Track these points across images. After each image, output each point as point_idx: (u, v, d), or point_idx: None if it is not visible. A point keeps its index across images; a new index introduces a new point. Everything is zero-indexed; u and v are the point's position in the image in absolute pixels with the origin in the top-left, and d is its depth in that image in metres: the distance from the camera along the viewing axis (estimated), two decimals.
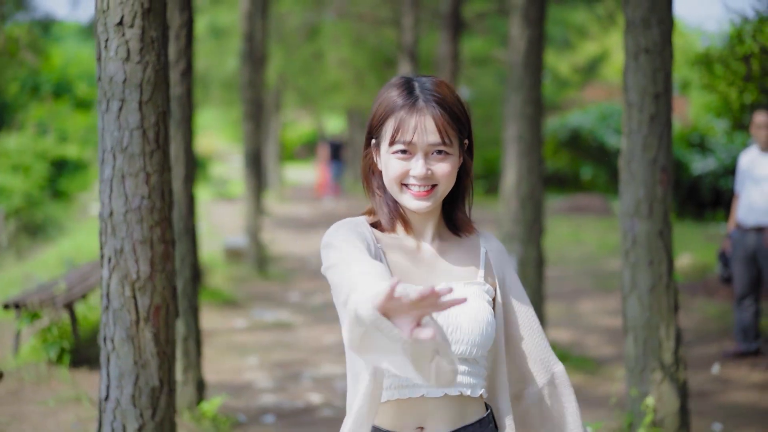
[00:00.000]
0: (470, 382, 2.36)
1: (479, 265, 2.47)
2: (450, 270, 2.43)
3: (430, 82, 2.36)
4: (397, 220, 2.41)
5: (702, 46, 20.82)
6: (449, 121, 2.33)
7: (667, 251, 5.11)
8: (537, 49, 7.83)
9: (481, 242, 2.52)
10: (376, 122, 2.37)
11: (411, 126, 2.30)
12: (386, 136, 2.34)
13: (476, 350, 2.33)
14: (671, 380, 5.07)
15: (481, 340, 2.33)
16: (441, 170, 2.33)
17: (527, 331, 2.49)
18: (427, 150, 2.32)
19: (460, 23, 12.47)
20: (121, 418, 3.54)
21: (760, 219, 7.80)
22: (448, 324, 2.30)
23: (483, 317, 2.33)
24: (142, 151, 3.47)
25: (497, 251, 2.52)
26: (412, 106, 2.32)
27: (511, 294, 2.50)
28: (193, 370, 6.15)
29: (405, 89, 2.34)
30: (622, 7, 5.18)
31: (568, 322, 9.87)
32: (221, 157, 44.03)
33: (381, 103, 2.37)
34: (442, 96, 2.33)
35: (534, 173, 7.90)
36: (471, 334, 2.31)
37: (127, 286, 3.51)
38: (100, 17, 3.45)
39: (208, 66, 21.04)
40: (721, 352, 8.42)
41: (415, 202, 2.33)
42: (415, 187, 2.32)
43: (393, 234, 2.44)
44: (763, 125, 7.82)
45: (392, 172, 2.33)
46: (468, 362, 2.35)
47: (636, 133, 5.06)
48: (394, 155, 2.32)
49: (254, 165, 13.92)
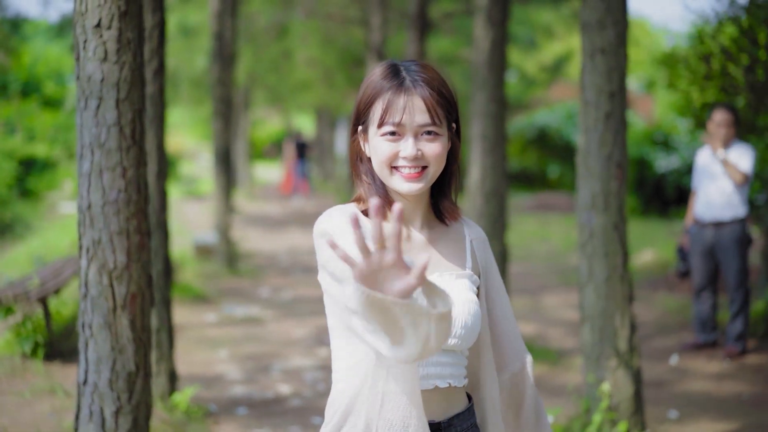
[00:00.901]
0: (457, 373, 2.36)
1: (466, 255, 2.45)
2: (439, 260, 2.40)
3: (415, 65, 2.34)
4: (387, 207, 2.35)
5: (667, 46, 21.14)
6: (438, 101, 2.30)
7: (622, 243, 5.33)
8: (500, 49, 8.03)
9: (466, 231, 2.49)
10: (362, 106, 2.34)
11: (400, 106, 2.27)
12: (374, 119, 2.30)
13: (464, 343, 2.31)
14: (626, 367, 5.29)
15: (470, 333, 2.31)
16: (431, 151, 2.29)
17: (504, 319, 2.50)
18: (416, 131, 2.28)
19: (427, 23, 12.63)
20: (99, 401, 3.70)
21: (718, 214, 8.02)
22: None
23: (471, 310, 2.31)
24: (119, 147, 3.63)
25: (480, 240, 2.50)
26: (399, 86, 2.29)
27: (493, 283, 2.49)
28: (165, 362, 6.30)
29: (390, 72, 2.32)
30: (579, 9, 5.39)
31: (532, 316, 10.09)
32: (190, 156, 43.96)
33: (367, 87, 2.34)
34: (429, 77, 2.31)
35: (498, 170, 8.10)
36: (463, 327, 2.29)
37: (104, 275, 3.67)
38: (78, 19, 3.61)
39: (178, 64, 21.08)
40: (680, 343, 8.66)
41: (406, 185, 2.29)
42: (406, 169, 2.28)
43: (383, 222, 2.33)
44: (722, 123, 8.03)
45: (382, 155, 2.29)
46: (456, 354, 2.35)
47: (592, 130, 5.27)
48: (383, 137, 2.28)
49: (224, 163, 14.01)
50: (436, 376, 2.32)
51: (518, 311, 9.99)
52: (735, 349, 8.04)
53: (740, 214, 7.96)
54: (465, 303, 2.31)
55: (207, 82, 18.58)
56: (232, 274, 13.07)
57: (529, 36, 20.83)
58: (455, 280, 2.37)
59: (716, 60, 9.72)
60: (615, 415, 5.24)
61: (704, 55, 9.89)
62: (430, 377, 2.31)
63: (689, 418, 6.45)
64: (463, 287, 2.36)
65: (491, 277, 2.49)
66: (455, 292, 2.33)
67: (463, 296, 2.33)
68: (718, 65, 9.69)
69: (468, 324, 2.29)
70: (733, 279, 8.06)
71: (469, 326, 2.29)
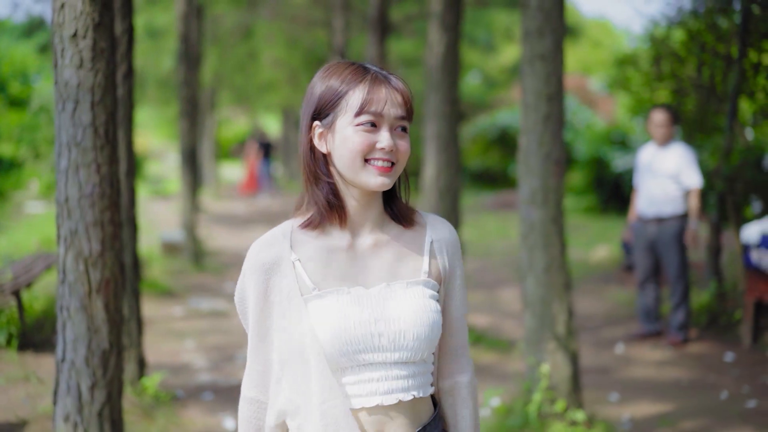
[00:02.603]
0: (421, 383, 2.30)
1: (423, 259, 2.34)
2: (390, 267, 2.31)
3: (378, 66, 2.31)
4: (334, 212, 2.27)
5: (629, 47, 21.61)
6: (410, 99, 2.28)
7: (560, 235, 5.74)
8: (453, 53, 8.44)
9: (428, 231, 2.38)
10: (328, 98, 2.24)
11: (382, 96, 2.21)
12: (349, 109, 2.21)
13: (422, 353, 2.26)
14: (564, 350, 5.70)
15: (427, 343, 2.25)
16: (403, 148, 2.26)
17: (459, 327, 2.39)
18: (392, 124, 2.24)
19: (387, 27, 12.99)
20: (75, 377, 4.06)
21: (659, 210, 8.45)
22: (390, 331, 2.23)
23: (427, 319, 2.25)
24: (94, 146, 3.98)
25: (446, 240, 2.37)
26: (376, 78, 2.24)
27: (453, 290, 2.38)
28: (134, 349, 6.64)
29: (359, 66, 2.26)
30: (520, 18, 5.80)
31: (487, 309, 10.49)
32: (157, 156, 44.02)
33: (333, 79, 2.25)
34: (399, 77, 2.29)
35: (451, 167, 8.51)
36: (416, 339, 2.23)
37: (80, 262, 4.02)
38: (56, 30, 3.96)
39: (145, 65, 21.29)
40: (626, 333, 9.09)
41: (379, 178, 2.21)
42: (380, 162, 2.21)
43: (323, 232, 2.31)
44: (660, 123, 8.45)
45: (357, 146, 2.20)
46: (416, 364, 2.28)
47: (532, 131, 5.68)
48: (359, 128, 2.20)
49: (190, 163, 14.24)
50: (399, 389, 2.26)
51: (474, 304, 10.42)
52: (677, 338, 8.47)
53: (680, 210, 8.39)
54: (417, 312, 2.24)
55: (173, 83, 18.81)
56: (198, 271, 13.36)
57: (487, 39, 21.22)
58: (406, 289, 2.28)
59: (666, 62, 10.17)
60: (553, 395, 5.64)
61: (655, 57, 10.35)
62: (393, 392, 2.25)
63: (628, 401, 6.87)
64: (416, 295, 2.27)
65: (453, 283, 2.38)
66: (405, 302, 2.25)
67: (415, 305, 2.25)
68: (668, 68, 10.14)
69: (421, 335, 2.23)
70: (673, 272, 8.48)
71: (422, 337, 2.23)
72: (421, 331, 2.23)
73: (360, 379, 2.25)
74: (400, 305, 2.24)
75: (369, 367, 2.24)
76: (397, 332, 2.22)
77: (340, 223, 2.29)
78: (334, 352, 2.21)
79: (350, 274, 2.28)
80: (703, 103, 9.67)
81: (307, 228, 2.30)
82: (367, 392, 2.25)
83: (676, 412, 6.57)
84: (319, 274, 2.27)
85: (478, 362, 7.96)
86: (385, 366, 2.24)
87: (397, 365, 2.25)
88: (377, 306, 2.24)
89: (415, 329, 2.22)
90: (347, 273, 2.28)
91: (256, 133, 29.61)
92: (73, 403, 4.06)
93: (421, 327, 2.23)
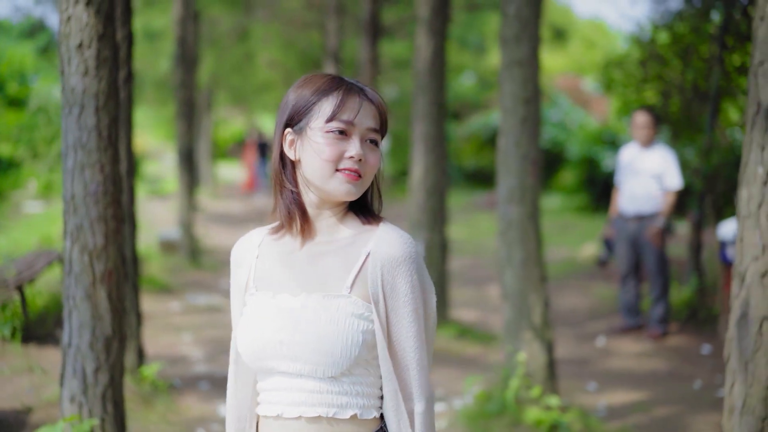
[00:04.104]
0: (334, 402, 2.20)
1: (351, 272, 2.23)
2: (318, 277, 2.25)
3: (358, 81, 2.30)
4: (293, 220, 2.28)
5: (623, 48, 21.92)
6: (384, 112, 2.28)
7: (536, 231, 6.07)
8: (440, 57, 8.75)
9: (372, 243, 2.24)
10: (301, 106, 2.24)
11: (354, 105, 2.21)
12: (320, 115, 2.21)
13: (325, 369, 2.16)
14: (540, 339, 6.03)
15: (331, 359, 2.15)
16: (371, 160, 2.24)
17: (403, 354, 2.22)
18: (363, 134, 2.22)
19: (379, 29, 13.29)
20: (81, 361, 4.38)
21: (640, 208, 8.77)
22: (285, 341, 2.19)
23: (333, 335, 2.15)
24: (98, 147, 4.30)
25: (386, 257, 2.20)
26: (350, 88, 2.24)
27: (396, 310, 2.21)
28: (134, 340, 6.96)
29: (335, 78, 2.27)
30: (500, 26, 6.13)
31: (475, 304, 10.82)
32: (155, 156, 44.23)
33: (307, 87, 2.25)
34: (375, 91, 2.29)
35: (438, 167, 8.83)
36: (316, 353, 2.15)
37: (85, 255, 4.34)
38: (63, 40, 4.28)
39: (142, 67, 21.55)
40: (608, 327, 9.42)
41: (346, 185, 2.19)
42: (348, 171, 2.19)
43: (283, 236, 2.34)
44: (643, 125, 8.78)
45: (327, 154, 2.19)
46: (328, 381, 2.19)
47: (510, 133, 6.01)
48: (328, 134, 2.19)
49: (187, 162, 14.53)
50: (302, 403, 2.21)
51: (462, 300, 10.74)
52: (657, 331, 8.79)
53: (659, 208, 8.71)
54: (323, 326, 2.17)
55: (170, 84, 19.05)
56: (195, 268, 13.65)
57: (479, 41, 21.51)
58: (321, 301, 2.20)
59: (652, 64, 10.48)
60: (530, 381, 5.97)
61: (640, 60, 10.66)
62: (295, 405, 2.21)
63: (605, 390, 7.20)
64: (329, 308, 2.18)
65: (393, 304, 2.21)
66: (315, 315, 2.19)
67: (324, 319, 2.17)
68: (653, 70, 10.45)
69: (322, 350, 2.15)
70: (653, 268, 8.80)
71: (323, 353, 2.15)
72: (322, 347, 2.15)
73: (270, 386, 2.26)
74: (310, 317, 2.18)
75: (278, 375, 2.23)
76: (297, 343, 2.17)
77: (301, 229, 2.28)
78: (245, 350, 2.26)
79: (285, 279, 2.27)
80: (687, 104, 9.98)
81: (273, 232, 2.36)
82: (274, 400, 2.24)
83: (651, 400, 6.90)
84: (264, 276, 2.32)
85: (463, 355, 8.29)
86: (291, 376, 2.21)
87: (302, 378, 2.20)
88: (290, 314, 2.21)
89: (315, 344, 2.15)
90: (284, 278, 2.28)
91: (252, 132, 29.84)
92: (79, 385, 4.38)
93: (323, 342, 2.15)
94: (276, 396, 2.24)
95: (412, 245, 2.23)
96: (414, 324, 2.21)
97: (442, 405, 6.75)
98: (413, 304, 2.20)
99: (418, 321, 2.22)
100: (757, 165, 3.65)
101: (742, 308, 3.75)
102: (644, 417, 6.45)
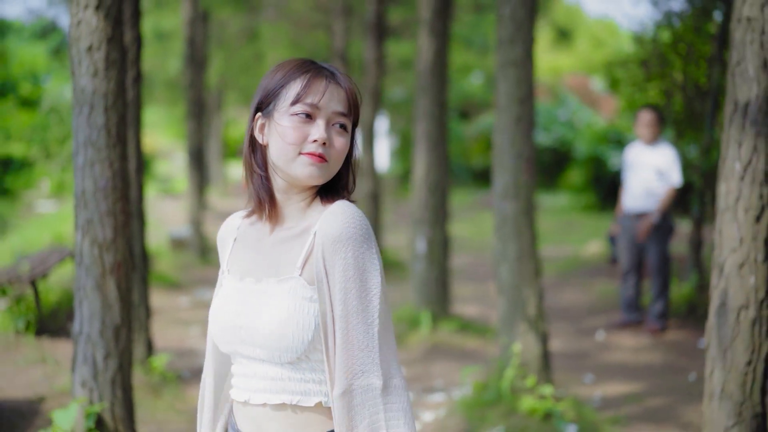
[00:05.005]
0: (296, 389, 2.18)
1: (301, 254, 2.19)
2: (277, 261, 2.23)
3: (333, 66, 2.27)
4: (263, 205, 2.26)
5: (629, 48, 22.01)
6: (354, 98, 2.23)
7: (530, 227, 6.26)
8: (442, 58, 8.94)
9: (318, 225, 2.18)
10: (272, 87, 2.22)
11: (320, 88, 2.18)
12: (287, 98, 2.19)
13: (281, 355, 2.13)
14: (534, 330, 6.22)
15: (284, 344, 2.12)
16: (338, 145, 2.20)
17: (338, 334, 2.12)
18: (330, 118, 2.19)
19: (384, 30, 13.46)
20: (91, 348, 4.61)
21: (642, 206, 8.90)
22: (243, 325, 2.18)
23: (285, 318, 2.12)
24: (107, 144, 4.52)
25: (327, 235, 2.14)
26: (319, 71, 2.21)
27: (333, 288, 2.13)
28: (143, 332, 7.18)
29: (305, 61, 2.24)
30: (496, 27, 6.32)
31: (477, 300, 11.00)
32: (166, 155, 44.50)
33: (279, 71, 2.23)
34: (348, 77, 2.25)
35: (440, 165, 9.02)
36: (270, 338, 2.12)
37: (95, 247, 4.57)
38: (74, 43, 4.50)
39: (153, 67, 21.76)
40: (609, 322, 9.60)
41: (309, 168, 2.16)
42: (310, 154, 2.16)
43: (256, 221, 2.33)
44: (647, 123, 8.93)
45: (290, 137, 2.16)
46: (287, 367, 2.17)
47: (504, 131, 6.20)
48: (294, 117, 2.16)
49: (197, 162, 14.74)
50: (266, 390, 2.19)
51: (466, 296, 10.94)
52: (656, 326, 8.95)
53: None
54: (274, 310, 2.14)
55: (181, 84, 19.26)
56: (203, 264, 13.87)
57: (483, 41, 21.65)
58: (276, 285, 2.18)
59: (654, 63, 10.64)
60: (525, 371, 6.16)
61: (643, 59, 10.83)
62: (260, 391, 2.20)
63: (602, 382, 7.38)
64: (282, 292, 2.16)
65: (332, 282, 2.13)
66: (269, 299, 2.17)
67: (276, 303, 2.15)
68: (656, 69, 10.61)
69: (271, 334, 2.12)
70: (654, 264, 8.95)
71: (275, 337, 2.12)
72: (273, 331, 2.12)
73: (238, 371, 2.26)
74: (264, 301, 2.17)
75: (243, 359, 2.24)
76: (252, 327, 2.15)
77: (267, 216, 2.27)
78: (214, 333, 2.29)
79: (253, 264, 2.27)
80: (689, 102, 10.15)
81: (248, 216, 2.35)
82: (242, 386, 2.23)
83: (645, 391, 7.09)
84: (236, 259, 2.33)
85: (463, 348, 8.49)
86: (253, 361, 2.20)
87: (264, 363, 2.18)
88: (248, 298, 2.21)
89: (266, 328, 2.13)
90: (251, 263, 2.27)
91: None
92: (89, 371, 4.61)
93: (272, 326, 2.12)
94: (243, 381, 2.23)
95: (353, 223, 2.14)
96: (341, 304, 2.12)
97: (442, 395, 6.96)
98: (343, 283, 2.12)
99: (346, 301, 2.12)
100: (735, 161, 3.83)
101: (721, 298, 3.91)
102: (637, 407, 6.64)
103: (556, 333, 9.02)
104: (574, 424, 5.78)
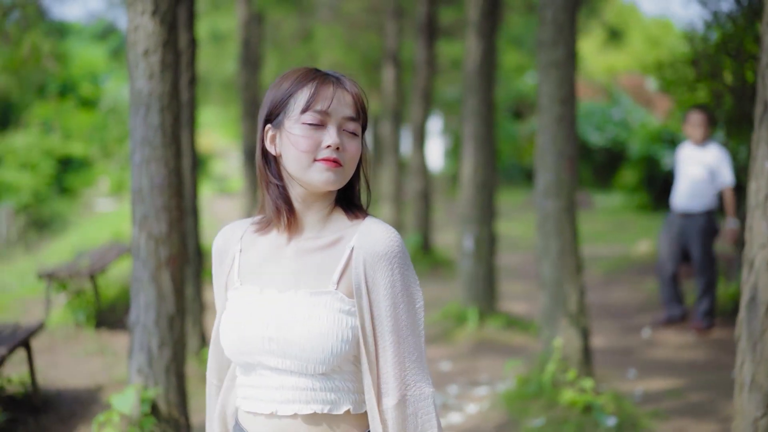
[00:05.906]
0: (327, 399, 2.20)
1: (336, 268, 2.21)
2: (305, 273, 2.22)
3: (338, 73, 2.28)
4: (281, 215, 2.25)
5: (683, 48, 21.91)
6: (362, 102, 2.24)
7: (572, 224, 6.40)
8: (489, 59, 9.09)
9: (355, 238, 2.22)
10: (279, 98, 2.22)
11: (328, 94, 2.19)
12: (296, 107, 2.19)
13: (316, 366, 2.15)
14: (576, 325, 6.36)
15: (319, 356, 2.13)
16: (351, 148, 2.21)
17: (384, 347, 2.20)
18: (340, 123, 2.20)
19: (435, 31, 13.62)
20: (147, 337, 4.85)
21: (688, 205, 8.94)
22: (273, 337, 2.17)
23: (323, 331, 2.13)
24: (162, 143, 4.76)
25: (369, 251, 2.19)
26: (326, 78, 2.22)
27: (378, 304, 2.19)
28: (197, 326, 7.44)
29: (311, 70, 2.25)
30: (537, 30, 6.46)
31: (524, 297, 11.12)
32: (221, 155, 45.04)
33: (285, 81, 2.24)
34: (354, 82, 2.26)
35: (488, 164, 9.17)
36: (303, 350, 2.14)
37: (151, 241, 4.81)
38: (131, 47, 4.75)
39: (209, 68, 22.09)
40: (653, 319, 9.67)
41: (326, 174, 2.16)
42: (325, 160, 2.17)
43: (273, 230, 2.30)
44: (697, 123, 8.98)
45: (303, 145, 2.17)
46: (319, 378, 2.18)
47: (546, 131, 6.35)
48: (305, 126, 2.17)
49: (252, 161, 15.03)
50: (296, 401, 2.20)
51: (514, 294, 11.07)
52: (701, 324, 9.00)
53: (709, 206, 8.91)
54: (310, 323, 2.15)
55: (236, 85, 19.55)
56: None
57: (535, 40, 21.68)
58: (309, 298, 2.19)
59: (705, 63, 10.67)
60: (566, 365, 6.30)
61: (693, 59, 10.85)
62: (290, 402, 2.20)
63: (644, 378, 7.48)
64: (317, 305, 2.17)
65: (375, 298, 2.19)
66: (303, 311, 2.17)
67: (312, 315, 2.16)
68: (706, 69, 10.63)
69: (309, 347, 2.13)
70: (699, 263, 8.99)
71: (311, 349, 2.13)
72: (310, 343, 2.13)
73: (258, 382, 2.24)
74: (298, 313, 2.17)
75: (266, 371, 2.22)
76: (285, 339, 2.15)
77: (286, 226, 2.26)
78: (230, 345, 2.25)
79: (272, 274, 2.25)
80: (739, 103, 10.16)
81: (259, 226, 2.32)
82: (266, 398, 2.22)
83: (686, 386, 7.19)
84: (249, 270, 2.30)
85: (509, 344, 8.64)
86: (281, 373, 2.20)
87: (294, 375, 2.19)
88: (277, 310, 2.20)
89: (303, 340, 2.14)
90: (270, 273, 2.26)
91: None
92: (145, 358, 4.85)
93: (310, 339, 2.14)
94: (267, 393, 2.23)
95: (395, 241, 2.20)
96: (391, 319, 2.18)
97: (486, 389, 7.12)
98: (392, 299, 2.18)
99: (397, 316, 2.19)
100: (765, 160, 3.94)
101: (751, 292, 4.02)
102: (678, 402, 6.74)
103: (603, 330, 9.12)
104: (614, 416, 5.92)
